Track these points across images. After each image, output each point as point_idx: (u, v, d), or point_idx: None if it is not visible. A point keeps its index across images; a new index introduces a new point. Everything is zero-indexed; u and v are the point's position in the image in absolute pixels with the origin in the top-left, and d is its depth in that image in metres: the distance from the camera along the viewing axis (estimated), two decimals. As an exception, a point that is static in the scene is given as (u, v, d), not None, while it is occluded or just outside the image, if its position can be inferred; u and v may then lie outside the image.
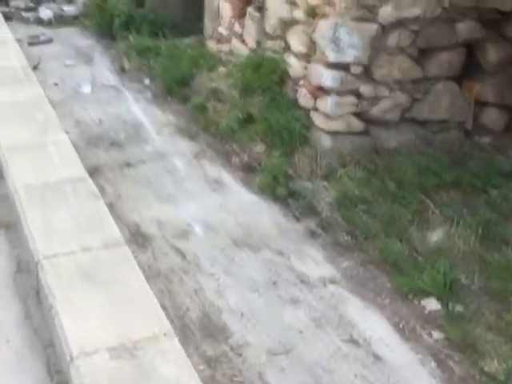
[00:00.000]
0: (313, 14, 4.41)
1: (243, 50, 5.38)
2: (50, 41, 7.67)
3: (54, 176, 3.19)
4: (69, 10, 8.79)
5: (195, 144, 5.12)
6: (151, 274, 3.49)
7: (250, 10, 5.20)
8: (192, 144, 5.13)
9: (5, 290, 2.61)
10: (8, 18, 8.35)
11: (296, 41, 4.63)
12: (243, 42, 5.39)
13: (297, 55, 4.65)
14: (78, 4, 8.98)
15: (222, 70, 5.59)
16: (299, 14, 4.55)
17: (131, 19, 7.39)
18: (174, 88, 5.83)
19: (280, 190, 4.26)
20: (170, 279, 3.51)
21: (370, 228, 3.84)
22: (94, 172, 4.52)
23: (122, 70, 6.63)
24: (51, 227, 2.76)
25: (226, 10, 5.57)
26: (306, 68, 4.57)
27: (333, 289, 3.47)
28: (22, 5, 9.03)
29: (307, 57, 4.54)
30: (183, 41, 7.10)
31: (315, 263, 3.69)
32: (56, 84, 6.28)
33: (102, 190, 4.31)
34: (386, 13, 4.20)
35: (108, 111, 5.71)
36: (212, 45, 6.00)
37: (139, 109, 5.78)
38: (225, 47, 5.73)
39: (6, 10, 8.82)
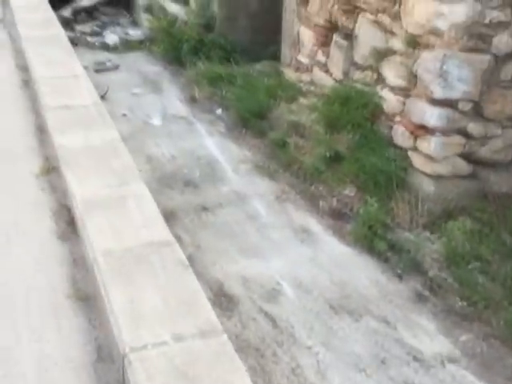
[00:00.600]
0: (414, 43, 3.93)
1: (327, 81, 4.95)
2: (116, 67, 7.43)
3: (136, 239, 2.80)
4: (134, 34, 8.57)
5: (276, 184, 4.70)
6: (240, 346, 3.07)
7: (335, 37, 4.76)
8: (272, 184, 4.71)
9: (85, 384, 2.25)
10: (73, 43, 8.17)
11: (392, 73, 4.16)
12: (327, 71, 4.96)
13: (393, 89, 4.18)
14: (143, 28, 8.76)
15: (302, 101, 5.17)
16: (397, 43, 4.09)
17: (200, 44, 7.07)
18: (250, 120, 5.43)
19: (378, 242, 3.78)
20: (262, 353, 3.08)
21: (489, 293, 3.32)
22: (169, 217, 4.15)
23: (192, 100, 6.29)
24: (137, 309, 2.36)
25: (308, 38, 5.15)
26: (403, 103, 4.10)
27: (453, 370, 2.97)
28: (87, 29, 8.88)
29: (406, 91, 4.06)
30: (255, 67, 6.73)
31: (427, 335, 3.20)
32: (124, 115, 6.00)
33: (179, 239, 3.93)
34: (502, 42, 3.69)
35: (180, 146, 5.36)
36: (290, 73, 5.59)
37: (213, 143, 5.41)
38: (305, 77, 5.31)
39: (72, 35, 8.68)
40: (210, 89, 6.27)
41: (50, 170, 3.70)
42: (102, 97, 6.35)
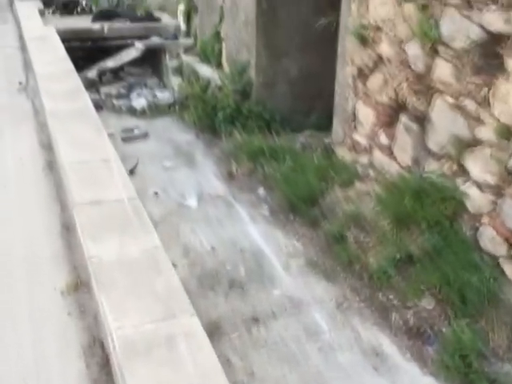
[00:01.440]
0: (508, 135, 3.33)
1: (391, 167, 4.34)
2: (145, 135, 6.90)
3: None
4: (163, 97, 8.09)
5: (335, 287, 4.05)
6: None
7: (403, 119, 4.18)
8: (331, 287, 4.06)
9: None
10: (99, 106, 7.69)
11: (479, 166, 3.55)
12: (391, 156, 4.36)
13: (479, 185, 3.56)
14: (172, 90, 8.29)
15: (360, 187, 4.56)
16: (485, 133, 3.49)
17: (236, 113, 6.54)
18: (298, 205, 4.82)
19: (475, 378, 3.09)
20: None
21: None
22: (213, 331, 3.52)
23: (230, 176, 5.71)
24: None
25: (367, 116, 4.57)
26: (494, 203, 3.47)
27: None
28: (113, 91, 8.42)
29: (497, 189, 3.44)
30: (298, 138, 6.18)
31: None
32: (156, 193, 5.42)
33: (228, 362, 3.29)
34: None
35: (220, 234, 4.75)
36: (343, 152, 5.00)
37: (257, 231, 4.79)
38: (362, 158, 4.71)
39: (97, 97, 8.22)
40: (250, 164, 5.69)
41: (79, 285, 3.08)
42: (131, 171, 5.82)
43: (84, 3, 10.57)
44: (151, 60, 8.74)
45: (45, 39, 7.17)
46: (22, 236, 3.45)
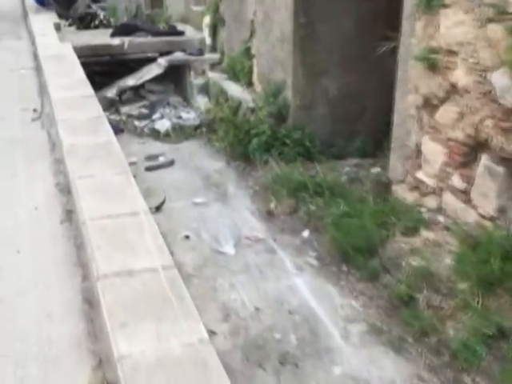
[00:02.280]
0: None
1: (468, 215, 3.68)
2: (170, 164, 6.28)
3: None
4: (188, 117, 7.48)
5: (407, 364, 3.37)
6: None
7: (485, 160, 3.51)
8: (401, 364, 3.38)
9: None
10: (119, 129, 7.08)
11: None
12: (468, 202, 3.69)
13: None
14: (197, 110, 7.67)
15: (427, 235, 3.90)
16: None
17: (272, 139, 5.91)
18: (353, 255, 4.16)
19: None
20: None
21: None
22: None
23: (268, 214, 5.06)
24: None
25: (436, 153, 3.91)
26: None
27: None
28: (134, 111, 7.82)
29: None
30: (343, 168, 5.54)
31: None
32: (187, 237, 4.79)
33: None
34: None
35: (264, 289, 4.10)
36: (404, 192, 4.33)
37: (306, 285, 4.14)
38: (429, 201, 4.05)
39: (117, 118, 7.63)
40: (291, 200, 5.05)
41: (106, 388, 2.47)
42: (157, 208, 5.21)
43: (102, 16, 10.01)
44: (173, 75, 8.13)
45: (61, 59, 6.58)
46: (35, 316, 2.83)
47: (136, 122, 7.46)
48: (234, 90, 6.95)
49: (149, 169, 6.10)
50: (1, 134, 4.90)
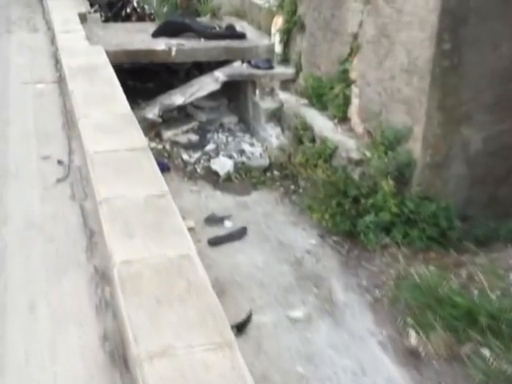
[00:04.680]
0: None
1: None
2: (242, 233, 4.49)
3: None
4: (253, 154, 5.67)
5: None
6: None
7: None
8: None
9: None
10: (165, 166, 5.27)
11: None
12: None
13: None
14: (262, 141, 5.85)
15: None
16: None
17: (395, 215, 4.13)
18: None
19: None
20: None
21: None
22: None
23: (409, 354, 3.30)
24: None
25: None
26: None
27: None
28: (180, 137, 6.00)
29: None
30: (499, 262, 3.79)
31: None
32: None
33: None
34: None
35: None
36: None
37: None
38: None
39: (159, 146, 5.83)
40: (446, 335, 3.28)
41: None
42: (239, 329, 3.45)
43: (135, 2, 8.16)
44: (227, 88, 6.27)
45: (93, 72, 4.74)
46: None
47: (185, 156, 5.66)
48: (323, 126, 5.12)
49: (213, 243, 4.32)
50: (11, 211, 3.14)
